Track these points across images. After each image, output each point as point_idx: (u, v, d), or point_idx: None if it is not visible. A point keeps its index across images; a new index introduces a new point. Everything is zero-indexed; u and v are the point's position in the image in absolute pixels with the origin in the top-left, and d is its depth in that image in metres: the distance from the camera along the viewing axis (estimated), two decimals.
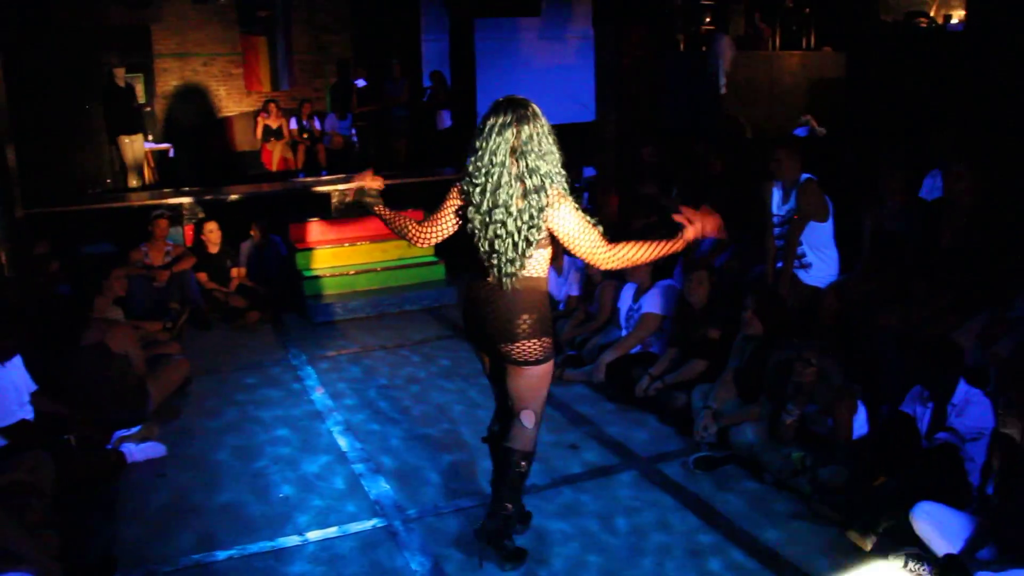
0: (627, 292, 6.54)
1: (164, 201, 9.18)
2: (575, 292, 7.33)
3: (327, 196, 9.43)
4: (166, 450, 5.43)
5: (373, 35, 14.85)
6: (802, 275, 5.99)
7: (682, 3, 12.84)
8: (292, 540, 4.43)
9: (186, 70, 14.71)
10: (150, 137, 13.34)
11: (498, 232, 3.69)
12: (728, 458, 5.03)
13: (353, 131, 13.70)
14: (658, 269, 6.47)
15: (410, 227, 4.01)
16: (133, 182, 12.05)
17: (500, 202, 3.67)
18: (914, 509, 3.91)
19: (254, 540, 4.43)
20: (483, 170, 3.69)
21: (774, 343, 5.15)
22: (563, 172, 3.83)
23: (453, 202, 3.93)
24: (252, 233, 8.68)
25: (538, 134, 3.69)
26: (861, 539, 4.05)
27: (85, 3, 10.15)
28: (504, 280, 3.74)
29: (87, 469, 5.06)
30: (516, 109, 3.69)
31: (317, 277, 8.64)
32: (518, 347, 3.80)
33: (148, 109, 14.00)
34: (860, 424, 4.71)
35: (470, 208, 3.77)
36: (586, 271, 7.19)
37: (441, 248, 8.98)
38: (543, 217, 3.71)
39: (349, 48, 15.43)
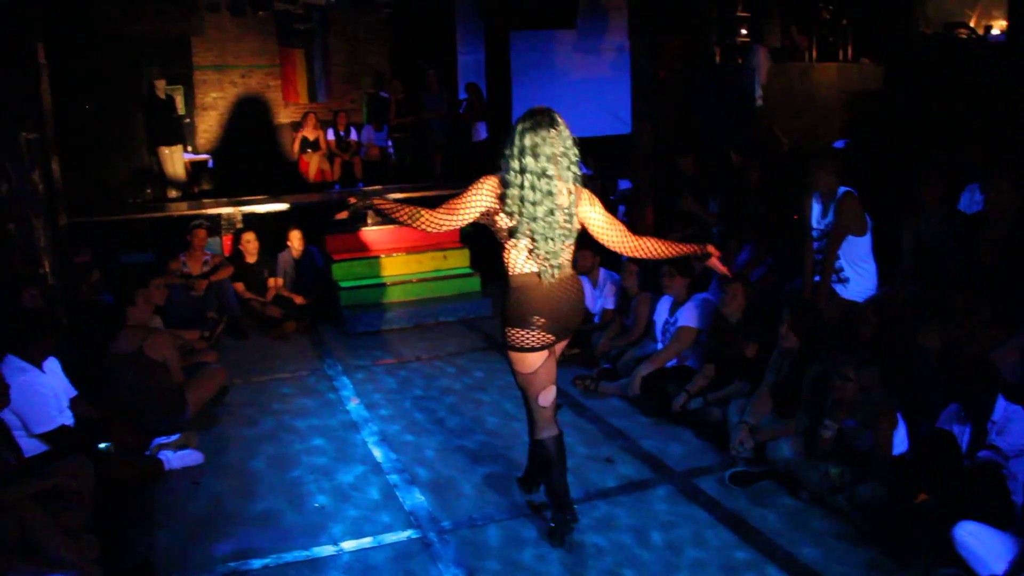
0: (663, 305, 6.52)
1: (203, 211, 9.29)
2: (610, 305, 7.31)
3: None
4: (203, 458, 5.48)
5: (409, 47, 14.95)
6: (840, 289, 5.93)
7: (718, 15, 12.79)
8: (327, 550, 4.45)
9: (225, 82, 14.87)
10: (189, 148, 13.50)
11: (548, 232, 3.97)
12: (764, 473, 4.98)
13: (389, 143, 13.77)
14: (694, 283, 6.44)
15: (422, 214, 4.01)
16: (172, 192, 12.19)
17: (549, 204, 3.95)
18: (955, 528, 3.84)
19: (289, 549, 4.46)
20: (528, 176, 3.93)
21: (811, 357, 5.10)
22: (579, 172, 4.10)
23: (481, 198, 4.05)
24: (289, 244, 8.75)
25: (566, 138, 4.02)
26: None
27: (128, 16, 10.30)
28: (552, 272, 4.05)
29: (126, 475, 5.12)
30: (546, 117, 4.01)
31: (353, 288, 8.69)
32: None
33: (187, 120, 14.17)
34: (900, 440, 4.65)
35: (516, 212, 3.97)
36: (622, 284, 7.16)
37: (476, 260, 9.07)
38: (576, 214, 4.09)
39: (386, 60, 15.53)
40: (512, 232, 4.02)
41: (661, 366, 6.22)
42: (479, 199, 4.04)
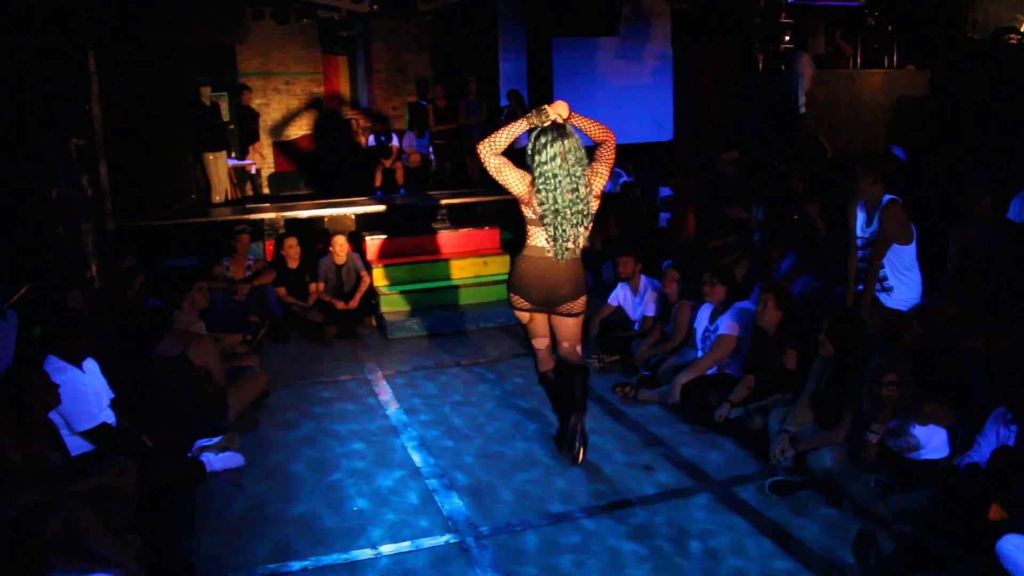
0: (703, 313, 6.48)
1: (246, 216, 9.39)
2: (651, 312, 7.28)
3: (403, 213, 9.56)
4: (244, 460, 5.53)
5: (452, 54, 15.02)
6: (884, 298, 5.85)
7: (761, 21, 12.70)
8: (365, 553, 4.47)
9: (269, 88, 15.06)
10: (233, 154, 13.68)
11: (561, 222, 4.88)
12: (805, 483, 4.93)
13: (430, 149, 13.84)
14: (736, 291, 6.40)
15: (498, 139, 5.00)
16: (216, 198, 12.34)
17: (567, 199, 4.84)
18: (1000, 542, 3.76)
19: (328, 552, 4.49)
20: (549, 176, 4.83)
21: (853, 367, 5.03)
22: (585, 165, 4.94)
23: (517, 177, 4.98)
24: (331, 249, 8.82)
25: (575, 144, 4.87)
26: None
27: (175, 26, 10.46)
28: (563, 253, 4.96)
29: (168, 476, 5.19)
30: (557, 128, 4.88)
31: (393, 293, 8.74)
32: (577, 304, 5.20)
33: (232, 127, 14.36)
34: (939, 445, 4.59)
35: (543, 204, 4.87)
36: (663, 291, 7.13)
37: None
38: (591, 198, 4.96)
39: (428, 67, 15.63)
40: (541, 217, 4.91)
41: (701, 374, 6.18)
42: (516, 177, 4.97)
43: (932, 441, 4.60)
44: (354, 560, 4.41)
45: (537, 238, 5.04)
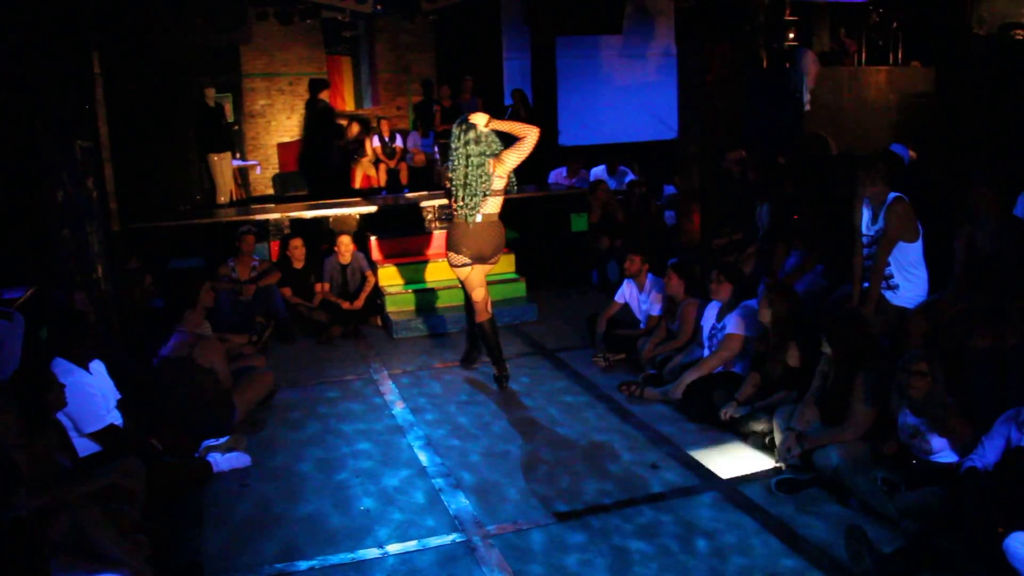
0: (710, 311, 6.47)
1: (251, 217, 9.39)
2: (656, 311, 7.27)
3: (408, 213, 9.56)
4: (251, 460, 5.54)
5: (455, 54, 15.03)
6: (890, 296, 5.84)
7: (765, 19, 12.67)
8: (372, 552, 4.48)
9: (273, 89, 15.07)
10: (238, 155, 13.67)
11: (465, 193, 6.38)
12: (812, 481, 4.92)
13: (435, 148, 13.84)
14: (743, 289, 6.38)
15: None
16: (221, 198, 12.35)
17: (474, 174, 6.33)
18: (1008, 540, 3.76)
19: (335, 551, 4.50)
20: (460, 157, 6.35)
21: (857, 366, 5.02)
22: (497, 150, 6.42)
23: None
24: (336, 249, 8.82)
25: (482, 135, 6.35)
26: None
27: (180, 27, 10.46)
28: (471, 216, 6.42)
29: (175, 477, 5.21)
30: (469, 124, 6.36)
31: (399, 293, 8.74)
32: (498, 256, 6.71)
33: (236, 128, 14.36)
34: (952, 452, 4.56)
35: (453, 180, 6.43)
36: (667, 291, 7.12)
37: (522, 265, 9.11)
38: (493, 176, 6.40)
39: (432, 67, 15.63)
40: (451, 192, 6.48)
41: (707, 373, 6.17)
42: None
43: (946, 449, 4.59)
44: (361, 559, 4.42)
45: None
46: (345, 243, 8.80)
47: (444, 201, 9.81)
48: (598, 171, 11.75)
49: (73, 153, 6.30)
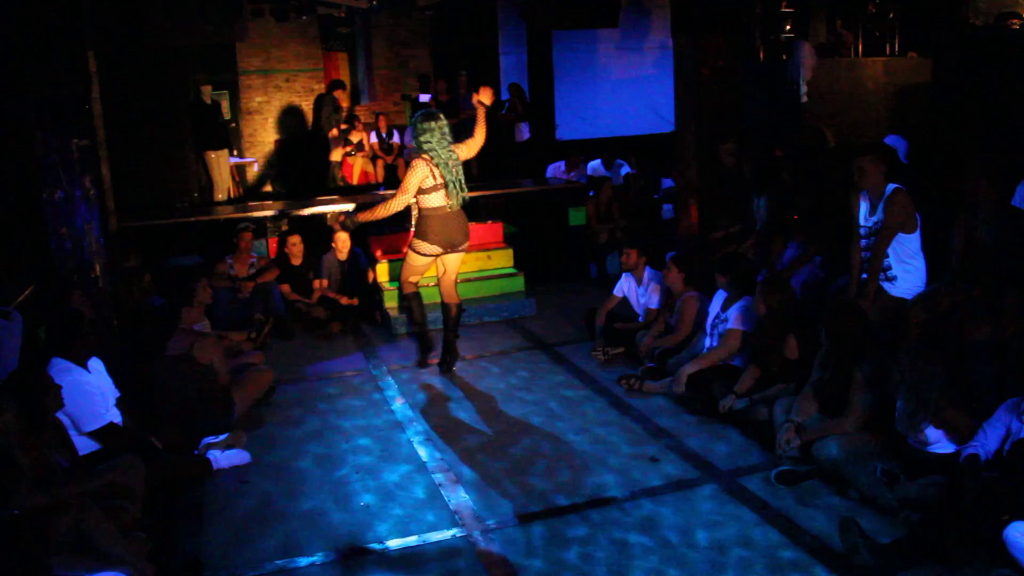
0: (716, 299, 6.41)
1: (249, 215, 9.39)
2: (654, 305, 7.27)
3: (406, 208, 9.53)
4: (251, 457, 5.55)
5: (452, 49, 15.01)
6: (887, 287, 5.83)
7: (761, 11, 12.65)
8: (373, 548, 4.48)
9: (269, 86, 15.06)
10: (235, 152, 13.66)
11: (448, 170, 6.69)
12: (811, 472, 4.93)
13: None
14: (746, 285, 6.35)
15: (391, 203, 6.74)
16: (219, 196, 12.34)
17: (448, 153, 6.71)
18: (1007, 529, 3.77)
19: (335, 547, 4.50)
20: (439, 149, 6.68)
21: (856, 357, 5.02)
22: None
23: (419, 174, 6.64)
24: (334, 245, 8.81)
25: (444, 126, 6.75)
26: None
27: (175, 24, 10.45)
28: (456, 202, 6.75)
29: (175, 474, 5.21)
30: (431, 112, 6.87)
31: (397, 288, 8.73)
32: (467, 243, 6.98)
33: (233, 125, 14.34)
34: (950, 442, 4.57)
35: (436, 160, 6.68)
36: (666, 284, 7.12)
37: (520, 261, 9.10)
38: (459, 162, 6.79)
39: (428, 62, 15.62)
40: (438, 185, 6.68)
41: (706, 367, 6.16)
42: (418, 176, 6.62)
43: (943, 439, 4.59)
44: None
45: (433, 200, 6.70)
46: (343, 239, 8.79)
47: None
48: (594, 165, 11.74)
49: (70, 151, 6.29)
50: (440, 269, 7.13)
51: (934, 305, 5.57)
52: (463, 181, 6.79)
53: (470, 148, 6.96)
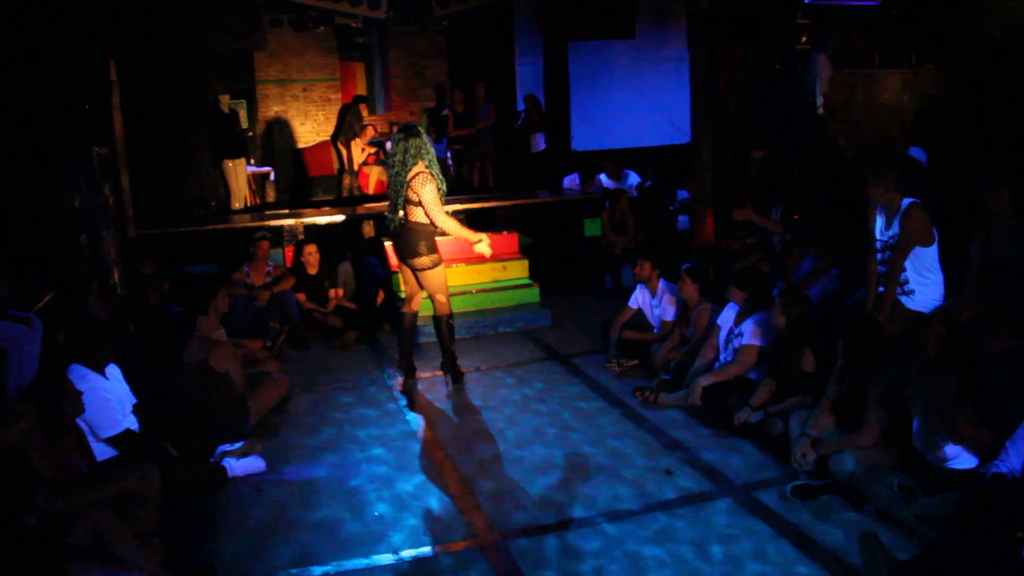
0: (728, 312, 6.42)
1: (265, 223, 9.43)
2: (669, 317, 7.25)
3: None
4: (266, 465, 5.56)
5: (468, 59, 15.05)
6: (905, 301, 5.80)
7: (778, 22, 12.65)
8: (387, 558, 4.49)
9: (287, 96, 15.14)
10: (252, 161, 13.73)
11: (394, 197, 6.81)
12: (827, 487, 4.90)
13: (448, 154, 13.87)
14: (760, 294, 6.34)
15: (443, 225, 6.80)
16: (236, 205, 12.40)
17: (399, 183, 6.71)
18: None
19: (349, 557, 4.51)
20: (395, 164, 6.71)
21: (873, 371, 5.00)
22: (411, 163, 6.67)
23: (435, 185, 6.71)
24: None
25: (420, 142, 6.67)
26: None
27: (195, 34, 10.54)
28: (395, 221, 6.81)
29: (190, 481, 5.23)
30: (407, 130, 6.78)
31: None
32: (416, 261, 6.84)
33: (250, 134, 14.42)
34: (969, 457, 4.52)
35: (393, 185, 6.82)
36: (681, 295, 7.11)
37: (536, 271, 9.10)
38: (410, 189, 6.65)
39: (445, 73, 15.67)
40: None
41: (722, 380, 6.14)
42: (436, 187, 6.68)
43: (962, 455, 4.55)
44: (375, 565, 4.43)
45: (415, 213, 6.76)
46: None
47: (458, 207, 9.88)
48: (598, 177, 11.75)
49: (90, 159, 6.35)
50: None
51: (952, 319, 5.54)
52: (400, 197, 6.75)
53: (430, 213, 6.67)
